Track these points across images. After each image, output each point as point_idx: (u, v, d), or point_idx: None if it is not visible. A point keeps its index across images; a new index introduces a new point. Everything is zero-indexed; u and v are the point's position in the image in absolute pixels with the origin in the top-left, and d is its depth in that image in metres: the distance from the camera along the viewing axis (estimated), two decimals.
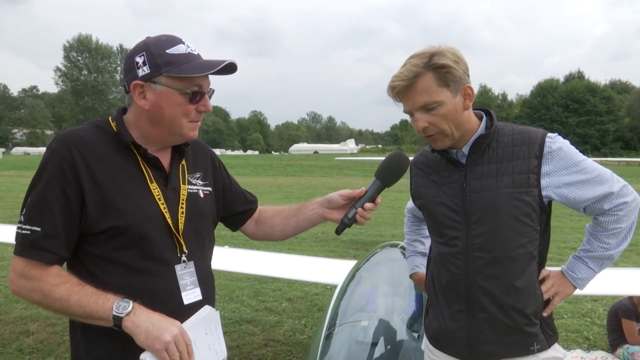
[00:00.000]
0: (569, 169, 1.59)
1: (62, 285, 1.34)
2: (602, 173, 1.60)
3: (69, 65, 75.27)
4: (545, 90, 65.85)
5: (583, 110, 62.05)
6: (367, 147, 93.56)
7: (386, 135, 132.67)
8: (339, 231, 1.66)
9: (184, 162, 1.61)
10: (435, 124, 1.59)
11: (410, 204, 2.03)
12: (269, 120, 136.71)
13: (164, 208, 1.47)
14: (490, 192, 1.62)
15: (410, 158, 1.79)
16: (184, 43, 1.46)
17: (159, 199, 1.47)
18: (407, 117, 1.68)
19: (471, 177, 1.66)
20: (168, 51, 1.42)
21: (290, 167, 37.10)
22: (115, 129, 1.48)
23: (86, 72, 75.74)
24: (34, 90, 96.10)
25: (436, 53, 1.55)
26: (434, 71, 1.54)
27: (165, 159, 1.55)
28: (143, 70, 1.42)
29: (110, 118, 1.53)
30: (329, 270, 5.00)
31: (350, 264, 5.72)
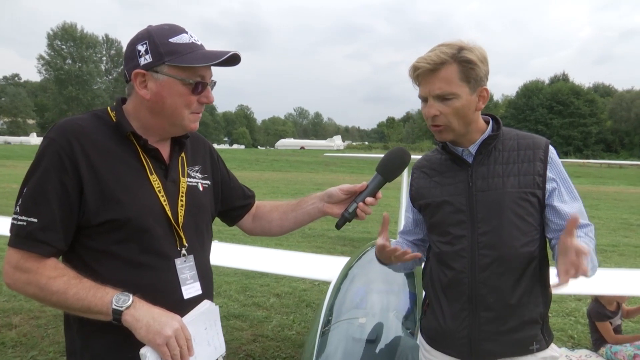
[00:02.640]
0: (565, 182, 1.68)
1: (59, 278, 1.30)
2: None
3: (52, 53, 73.75)
4: (530, 92, 66.55)
5: (567, 112, 62.87)
6: (354, 143, 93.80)
7: (372, 133, 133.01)
8: (339, 225, 1.65)
9: (183, 154, 1.58)
10: (446, 114, 1.62)
11: (404, 227, 1.98)
12: (256, 114, 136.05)
13: (164, 200, 1.45)
14: (496, 191, 1.64)
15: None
16: (187, 32, 1.43)
17: (159, 191, 1.44)
18: (393, 114, 1.72)
19: (477, 176, 1.68)
20: (171, 40, 1.39)
21: (276, 162, 37.02)
22: (114, 119, 1.45)
23: (70, 62, 74.31)
24: (16, 78, 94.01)
25: (466, 48, 1.58)
26: (459, 64, 1.57)
27: (164, 151, 1.52)
28: (145, 59, 1.38)
29: (109, 108, 1.49)
30: (318, 266, 5.00)
31: (338, 260, 5.72)
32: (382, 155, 1.72)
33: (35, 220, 1.31)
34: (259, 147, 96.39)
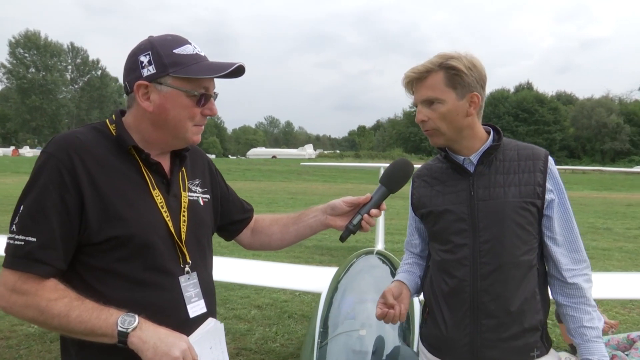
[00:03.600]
0: (561, 193, 1.72)
1: (60, 300, 1.24)
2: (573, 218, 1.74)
3: (14, 62, 71.60)
4: (496, 100, 68.29)
5: (532, 120, 64.85)
6: (325, 152, 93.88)
7: (344, 141, 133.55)
8: (343, 238, 1.64)
9: (183, 168, 1.54)
10: (433, 119, 1.68)
11: (408, 237, 2.01)
12: (226, 123, 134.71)
13: (167, 216, 1.40)
14: (497, 201, 1.67)
15: (386, 165, 1.81)
16: (190, 44, 1.40)
17: (162, 207, 1.40)
18: (364, 123, 1.76)
19: (478, 185, 1.70)
20: (175, 51, 1.36)
21: (249, 171, 36.74)
22: (114, 133, 1.40)
23: (34, 70, 72.36)
24: None
25: (453, 57, 1.64)
26: (445, 71, 1.63)
27: (165, 165, 1.47)
28: (148, 70, 1.34)
29: (107, 121, 1.44)
30: (298, 277, 4.97)
31: (318, 270, 5.70)
32: (355, 165, 1.75)
33: (34, 239, 1.24)
34: (230, 156, 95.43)
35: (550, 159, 1.73)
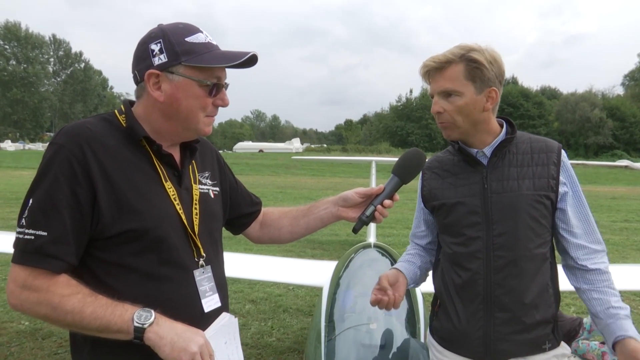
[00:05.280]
0: (575, 186, 1.71)
1: (74, 296, 1.19)
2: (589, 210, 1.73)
3: None
4: None
5: (517, 114, 65.15)
6: (312, 146, 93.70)
7: (330, 135, 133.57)
8: (356, 229, 1.61)
9: (193, 160, 1.51)
10: (449, 112, 1.65)
11: (414, 229, 1.99)
12: None
13: (180, 209, 1.37)
14: (511, 194, 1.65)
15: (377, 158, 1.78)
16: (202, 32, 1.36)
17: (175, 199, 1.36)
18: (351, 117, 1.71)
19: (492, 178, 1.68)
20: (187, 39, 1.31)
21: (236, 165, 36.48)
22: (124, 124, 1.36)
23: (14, 62, 71.02)
24: None
25: (475, 49, 1.60)
26: (465, 63, 1.59)
27: (176, 157, 1.44)
28: (160, 59, 1.30)
29: (116, 111, 1.40)
30: (294, 271, 4.94)
31: (313, 263, 5.68)
32: (347, 158, 1.70)
33: (45, 233, 1.19)
34: None
35: (563, 152, 1.72)
